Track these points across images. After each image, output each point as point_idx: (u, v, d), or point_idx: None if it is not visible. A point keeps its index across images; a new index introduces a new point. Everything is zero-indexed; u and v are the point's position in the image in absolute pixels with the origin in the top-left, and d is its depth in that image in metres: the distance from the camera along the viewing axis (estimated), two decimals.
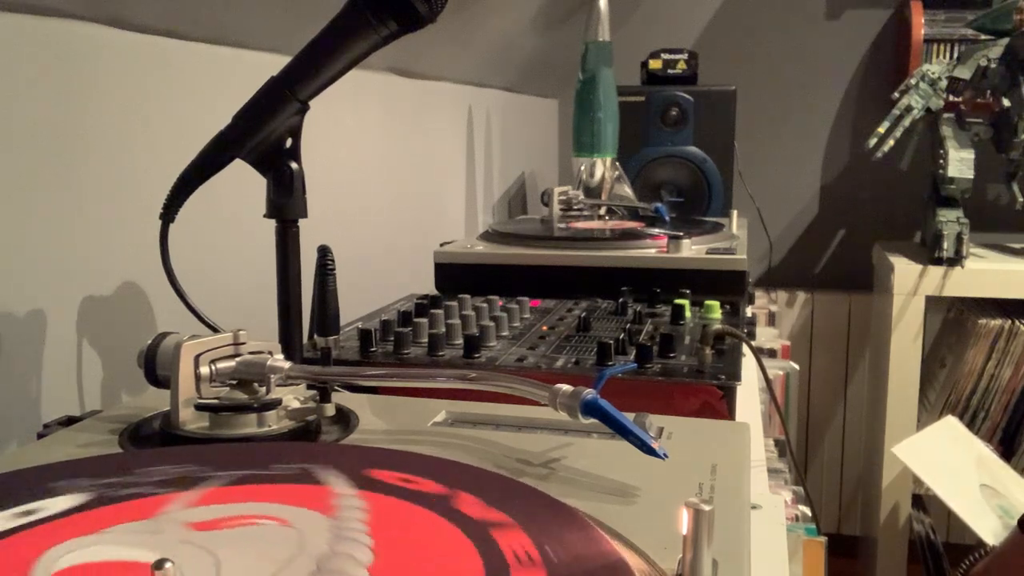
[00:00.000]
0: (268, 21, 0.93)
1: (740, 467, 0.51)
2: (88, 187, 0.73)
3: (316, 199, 0.71)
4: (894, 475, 1.79)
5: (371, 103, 1.24)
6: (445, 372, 0.55)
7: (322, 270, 0.69)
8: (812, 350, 2.32)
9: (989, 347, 1.71)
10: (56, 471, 0.45)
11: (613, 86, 1.56)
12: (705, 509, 0.34)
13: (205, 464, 0.46)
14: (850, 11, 2.33)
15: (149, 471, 0.45)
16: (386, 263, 1.29)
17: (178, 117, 0.82)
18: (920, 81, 1.74)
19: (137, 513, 0.40)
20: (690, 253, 1.08)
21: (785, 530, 0.62)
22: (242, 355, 0.57)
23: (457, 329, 0.83)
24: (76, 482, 0.43)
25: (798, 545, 0.85)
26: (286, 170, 0.68)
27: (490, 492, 0.43)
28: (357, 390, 0.66)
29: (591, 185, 1.55)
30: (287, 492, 0.42)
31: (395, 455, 0.49)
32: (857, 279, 2.31)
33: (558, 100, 2.44)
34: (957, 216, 1.73)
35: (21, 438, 0.66)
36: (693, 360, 0.77)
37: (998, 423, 1.73)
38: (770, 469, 0.89)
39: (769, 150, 2.38)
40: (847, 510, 2.36)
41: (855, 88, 2.36)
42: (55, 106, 0.69)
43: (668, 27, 2.38)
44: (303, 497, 0.42)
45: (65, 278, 0.71)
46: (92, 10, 0.72)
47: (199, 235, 0.84)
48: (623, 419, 0.47)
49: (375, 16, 0.64)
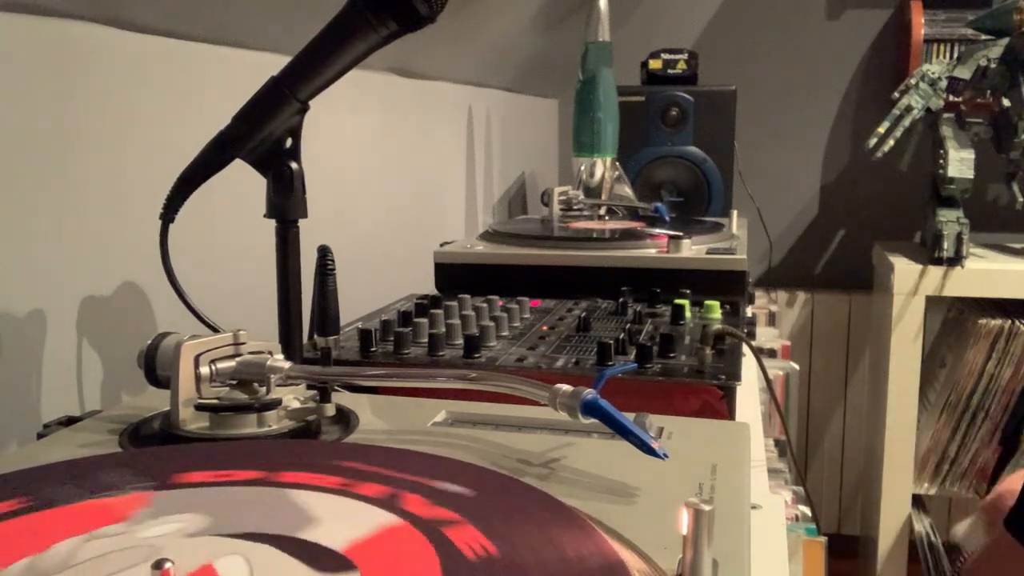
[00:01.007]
0: (268, 21, 0.93)
1: (740, 467, 0.51)
2: (88, 187, 0.72)
3: (316, 199, 0.71)
4: (894, 475, 1.79)
5: (371, 103, 1.24)
6: (445, 372, 0.55)
7: (322, 270, 0.69)
8: (812, 350, 2.32)
9: (989, 347, 1.71)
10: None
11: (613, 86, 1.56)
12: (705, 509, 0.34)
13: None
14: (850, 11, 2.34)
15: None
16: (386, 263, 1.29)
17: (178, 117, 0.82)
18: (920, 81, 1.74)
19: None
20: (690, 253, 1.08)
21: (785, 530, 0.62)
22: (242, 355, 0.57)
23: (457, 329, 0.83)
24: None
25: (798, 545, 0.85)
26: (286, 170, 0.68)
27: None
28: (357, 390, 0.66)
29: (591, 185, 1.55)
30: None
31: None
32: (857, 279, 2.31)
33: (558, 100, 2.44)
34: (957, 216, 1.73)
35: (21, 438, 0.66)
36: (693, 360, 0.77)
37: (998, 423, 1.73)
38: (770, 469, 0.89)
39: (769, 150, 2.38)
40: (847, 510, 2.36)
41: (855, 88, 2.36)
42: (55, 106, 0.69)
43: (668, 27, 2.38)
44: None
45: (65, 278, 0.70)
46: (92, 10, 0.72)
47: (199, 235, 0.84)
48: (623, 419, 0.47)
49: (375, 16, 0.64)
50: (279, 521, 0.39)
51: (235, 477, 0.44)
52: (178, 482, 0.44)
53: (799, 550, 0.86)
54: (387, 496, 0.42)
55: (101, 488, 0.43)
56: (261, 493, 0.42)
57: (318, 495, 0.42)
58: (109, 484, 0.43)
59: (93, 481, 0.44)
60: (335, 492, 0.42)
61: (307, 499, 0.42)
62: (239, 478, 0.44)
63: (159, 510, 0.41)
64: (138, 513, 0.40)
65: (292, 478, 0.44)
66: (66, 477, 0.44)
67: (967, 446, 1.76)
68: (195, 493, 0.43)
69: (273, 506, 0.41)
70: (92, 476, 0.44)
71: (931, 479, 1.80)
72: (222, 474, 0.45)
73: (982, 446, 1.75)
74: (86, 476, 0.44)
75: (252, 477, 0.44)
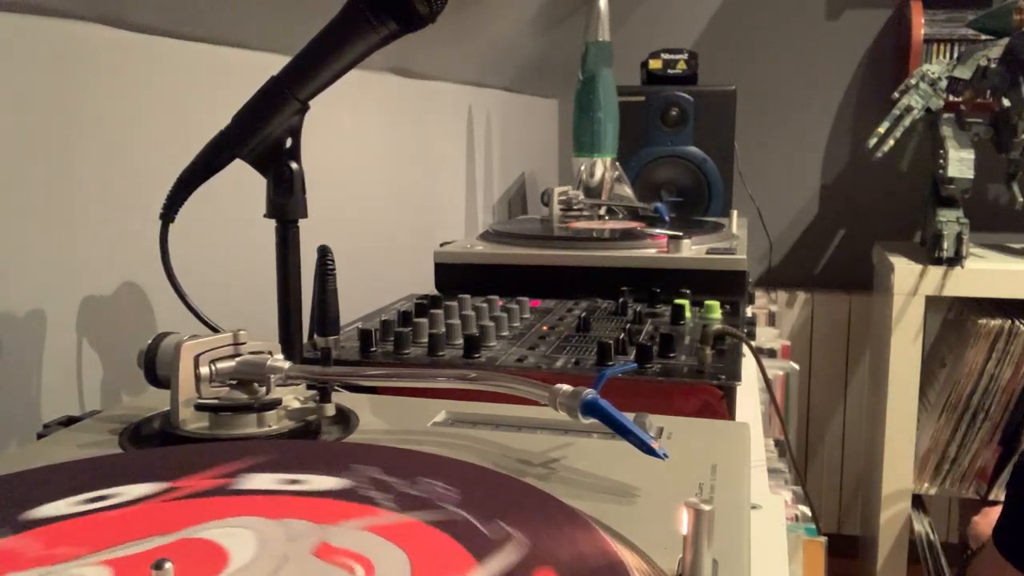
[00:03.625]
0: (268, 21, 0.93)
1: (740, 467, 0.51)
2: (88, 187, 0.73)
3: (316, 199, 0.71)
4: (894, 475, 1.79)
5: (371, 103, 1.24)
6: (445, 372, 0.55)
7: (322, 270, 0.69)
8: (812, 350, 2.32)
9: (989, 347, 1.71)
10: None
11: (613, 86, 1.56)
12: (705, 509, 0.34)
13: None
14: (850, 11, 2.33)
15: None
16: (386, 263, 1.29)
17: (178, 117, 0.82)
18: (920, 81, 1.74)
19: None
20: (690, 253, 1.08)
21: (785, 530, 0.62)
22: (242, 355, 0.57)
23: (457, 329, 0.83)
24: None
25: (798, 545, 0.85)
26: (286, 170, 0.68)
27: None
28: (357, 390, 0.66)
29: (591, 185, 1.55)
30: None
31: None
32: (857, 279, 2.31)
33: (558, 100, 2.44)
34: (957, 216, 1.73)
35: (21, 438, 0.66)
36: (693, 360, 0.77)
37: (998, 423, 1.73)
38: (770, 469, 0.89)
39: (769, 150, 2.38)
40: (847, 510, 2.36)
41: (855, 88, 2.36)
42: (55, 106, 0.69)
43: (668, 27, 2.38)
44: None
45: (65, 278, 0.70)
46: (92, 10, 0.72)
47: (199, 235, 0.84)
48: (623, 419, 0.47)
49: (375, 16, 0.64)
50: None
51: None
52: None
53: (799, 550, 0.86)
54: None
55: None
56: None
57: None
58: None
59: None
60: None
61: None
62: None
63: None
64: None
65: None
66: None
67: (967, 446, 1.76)
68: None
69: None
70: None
71: (931, 479, 1.80)
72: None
73: (982, 446, 1.75)
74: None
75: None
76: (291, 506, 0.41)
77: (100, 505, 0.41)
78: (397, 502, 0.41)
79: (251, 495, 0.42)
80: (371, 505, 0.41)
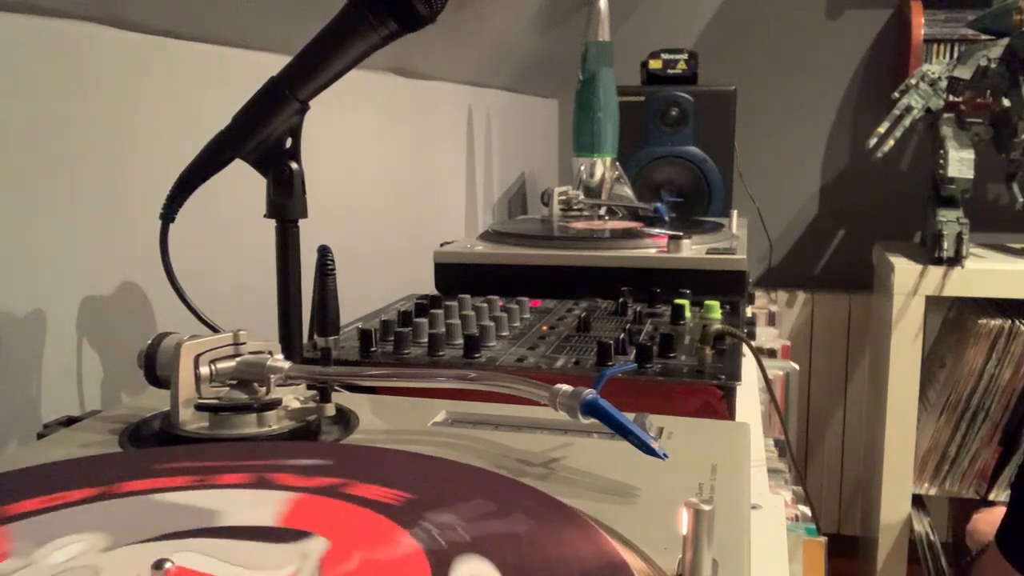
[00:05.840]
0: (268, 21, 0.93)
1: (740, 467, 0.51)
2: (88, 187, 0.72)
3: (316, 199, 0.71)
4: (894, 475, 1.79)
5: (371, 103, 1.24)
6: (445, 372, 0.55)
7: (322, 270, 0.69)
8: (812, 350, 2.32)
9: (989, 347, 1.71)
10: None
11: (613, 86, 1.56)
12: (705, 509, 0.34)
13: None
14: (850, 11, 2.34)
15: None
16: (386, 263, 1.29)
17: (178, 117, 0.82)
18: (920, 81, 1.74)
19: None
20: (690, 253, 1.08)
21: (785, 530, 0.62)
22: (242, 355, 0.57)
23: (457, 329, 0.83)
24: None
25: (798, 545, 0.85)
26: (286, 170, 0.68)
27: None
28: (357, 390, 0.66)
29: (591, 185, 1.55)
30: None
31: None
32: (857, 279, 2.31)
33: (558, 100, 2.44)
34: (957, 216, 1.73)
35: (21, 438, 0.66)
36: (693, 360, 0.77)
37: (998, 423, 1.73)
38: (770, 469, 0.89)
39: (769, 150, 2.38)
40: (847, 510, 2.36)
41: (855, 88, 2.36)
42: (55, 106, 0.69)
43: (668, 27, 2.38)
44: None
45: (65, 278, 0.70)
46: (92, 10, 0.72)
47: (199, 235, 0.84)
48: (623, 419, 0.47)
49: (375, 16, 0.64)
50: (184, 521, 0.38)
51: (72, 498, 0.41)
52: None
53: (799, 550, 0.86)
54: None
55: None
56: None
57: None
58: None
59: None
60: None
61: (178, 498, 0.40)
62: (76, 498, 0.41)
63: (37, 539, 0.37)
64: (15, 547, 0.36)
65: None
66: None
67: (967, 446, 1.76)
68: (58, 517, 0.39)
69: (159, 512, 0.39)
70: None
71: (931, 479, 1.80)
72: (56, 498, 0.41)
73: (982, 446, 1.75)
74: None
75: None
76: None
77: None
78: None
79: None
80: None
